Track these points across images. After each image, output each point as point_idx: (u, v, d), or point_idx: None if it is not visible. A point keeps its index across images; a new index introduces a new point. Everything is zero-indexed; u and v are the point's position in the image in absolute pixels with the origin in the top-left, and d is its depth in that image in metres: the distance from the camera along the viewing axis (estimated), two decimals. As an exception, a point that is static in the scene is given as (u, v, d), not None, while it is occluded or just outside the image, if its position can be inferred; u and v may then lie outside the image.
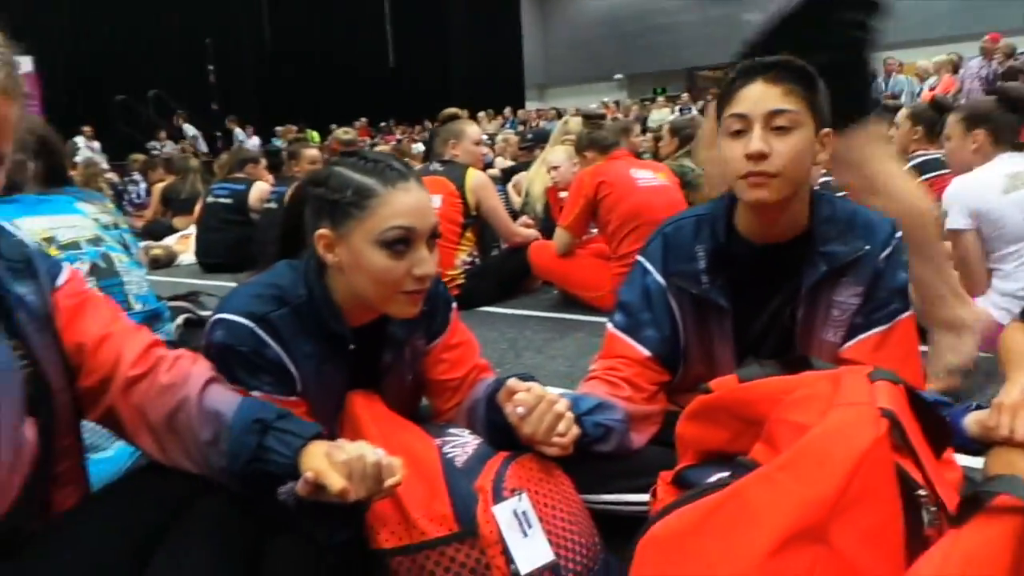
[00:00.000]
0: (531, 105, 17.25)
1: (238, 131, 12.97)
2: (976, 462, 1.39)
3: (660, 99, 14.72)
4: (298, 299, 1.23)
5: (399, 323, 1.33)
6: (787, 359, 1.12)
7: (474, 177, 3.43)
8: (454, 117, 3.81)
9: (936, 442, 0.80)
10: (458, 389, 1.46)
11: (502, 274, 3.55)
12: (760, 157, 1.27)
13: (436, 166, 3.51)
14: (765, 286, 1.41)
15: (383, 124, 15.93)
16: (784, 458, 0.72)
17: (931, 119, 3.57)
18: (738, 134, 1.30)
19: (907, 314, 1.38)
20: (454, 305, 1.52)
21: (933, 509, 0.75)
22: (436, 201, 3.42)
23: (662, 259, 1.47)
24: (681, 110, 12.43)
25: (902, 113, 3.84)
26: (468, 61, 17.93)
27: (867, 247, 1.35)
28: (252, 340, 1.17)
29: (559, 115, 12.58)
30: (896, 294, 1.37)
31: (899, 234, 1.39)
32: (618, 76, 18.60)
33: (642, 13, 18.10)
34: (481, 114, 14.35)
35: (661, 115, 12.47)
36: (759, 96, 1.29)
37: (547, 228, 3.83)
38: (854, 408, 0.75)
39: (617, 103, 14.58)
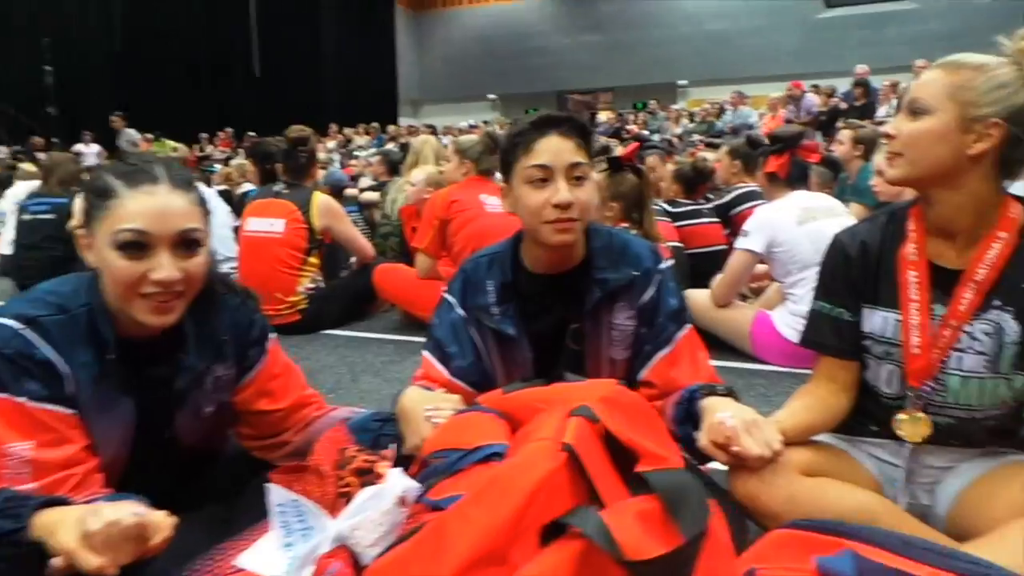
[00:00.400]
0: (405, 121, 17.19)
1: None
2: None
3: (531, 120, 15.06)
4: (79, 307, 1.21)
5: (194, 350, 1.31)
6: (548, 377, 1.24)
7: (320, 201, 3.41)
8: (305, 137, 3.74)
9: (625, 468, 0.91)
10: (285, 419, 1.47)
11: (347, 297, 3.54)
12: (568, 206, 1.40)
13: (280, 188, 3.45)
14: (553, 313, 1.54)
15: (251, 134, 15.30)
16: (477, 491, 0.81)
17: (747, 154, 3.94)
18: (542, 183, 1.42)
19: (684, 331, 1.53)
20: (272, 335, 1.51)
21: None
22: (279, 226, 3.37)
23: (461, 294, 1.59)
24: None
25: (722, 149, 4.19)
26: (341, 73, 17.55)
27: (635, 273, 1.51)
28: (17, 341, 1.14)
29: (434, 132, 12.65)
30: (671, 318, 1.52)
31: (664, 264, 1.55)
32: (492, 96, 18.94)
33: (515, 35, 18.56)
34: (348, 130, 14.14)
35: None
36: (558, 149, 1.42)
37: (403, 250, 3.87)
38: (540, 443, 0.84)
39: (486, 122, 14.84)
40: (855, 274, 1.39)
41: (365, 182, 6.89)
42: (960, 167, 1.24)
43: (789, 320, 2.69)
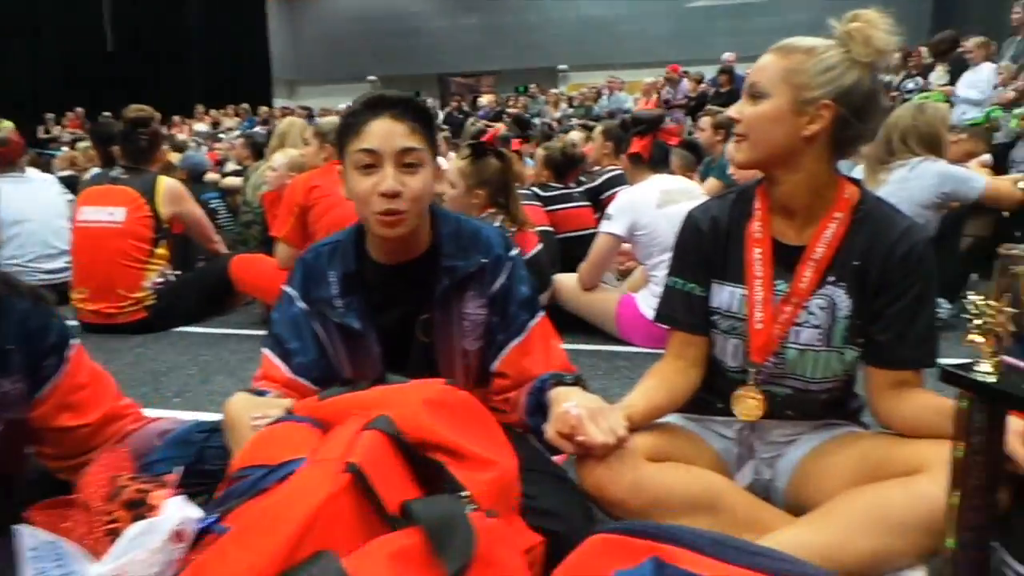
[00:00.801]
0: (280, 102, 16.39)
1: None
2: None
3: (412, 103, 14.79)
4: None
5: None
6: (372, 381, 1.16)
7: (166, 186, 3.13)
8: (146, 117, 3.43)
9: (427, 479, 0.84)
10: (93, 436, 1.31)
11: (201, 291, 3.29)
12: (394, 195, 1.30)
13: (118, 173, 3.14)
14: (400, 304, 1.45)
15: (106, 114, 14.09)
16: (241, 526, 0.71)
17: (619, 136, 3.99)
18: (369, 169, 1.31)
19: (536, 319, 1.49)
20: (75, 342, 1.33)
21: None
22: (119, 214, 3.07)
23: (302, 286, 1.47)
24: (431, 115, 12.61)
25: (597, 129, 4.22)
26: (208, 50, 16.42)
27: (484, 260, 1.44)
28: None
29: (310, 115, 12.11)
30: (522, 307, 1.47)
31: (514, 251, 1.49)
32: (371, 78, 18.39)
33: (394, 15, 18.09)
34: (216, 111, 13.33)
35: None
36: (388, 132, 1.31)
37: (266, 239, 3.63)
38: (320, 465, 0.76)
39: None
40: (707, 248, 1.40)
41: (231, 167, 6.48)
42: (796, 148, 1.27)
43: (652, 302, 2.73)
